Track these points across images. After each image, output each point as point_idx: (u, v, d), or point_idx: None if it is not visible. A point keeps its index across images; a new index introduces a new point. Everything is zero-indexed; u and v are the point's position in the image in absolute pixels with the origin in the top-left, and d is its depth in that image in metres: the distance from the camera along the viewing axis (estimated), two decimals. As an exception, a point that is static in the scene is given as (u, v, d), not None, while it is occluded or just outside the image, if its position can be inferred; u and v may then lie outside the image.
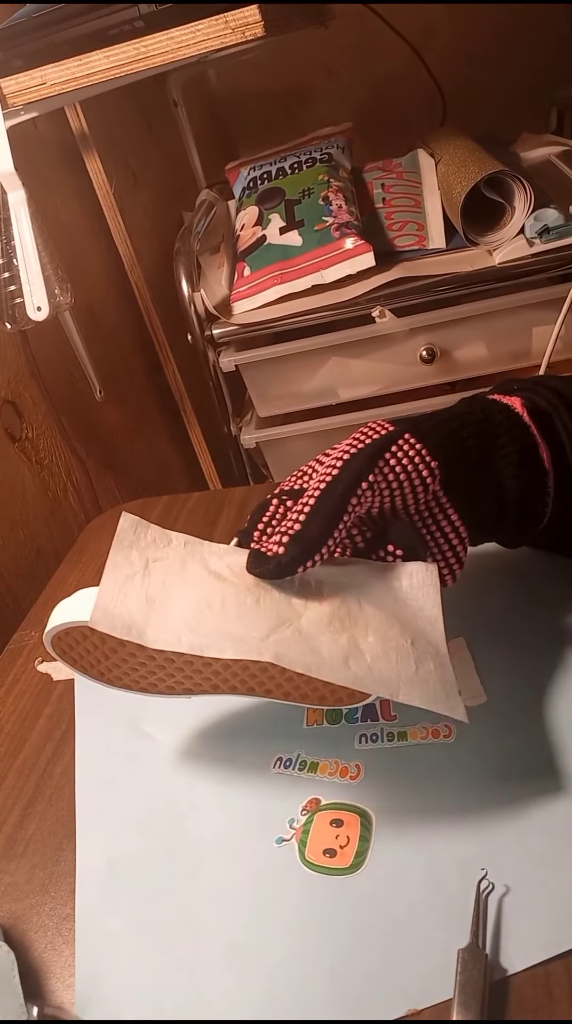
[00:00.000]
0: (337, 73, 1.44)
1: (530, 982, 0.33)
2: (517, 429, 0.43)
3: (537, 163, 1.05)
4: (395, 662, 0.38)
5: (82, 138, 0.93)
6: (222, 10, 0.69)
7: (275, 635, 0.39)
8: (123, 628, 0.39)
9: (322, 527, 0.39)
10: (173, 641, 0.39)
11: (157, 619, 0.40)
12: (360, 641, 0.39)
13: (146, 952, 0.38)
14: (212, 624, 0.39)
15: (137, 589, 0.41)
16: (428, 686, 0.38)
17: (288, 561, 0.39)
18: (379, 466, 0.40)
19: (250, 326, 0.94)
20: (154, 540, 0.44)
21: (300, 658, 0.38)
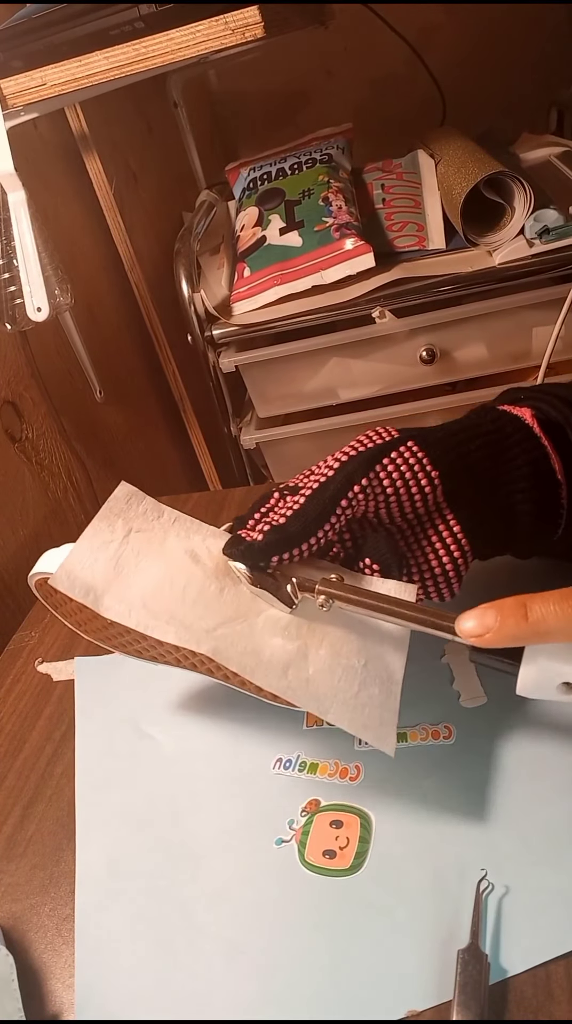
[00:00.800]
0: (337, 73, 1.44)
1: (530, 982, 0.33)
2: (528, 441, 0.42)
3: (537, 163, 1.05)
4: (337, 679, 0.38)
5: (82, 139, 0.93)
6: (222, 11, 0.69)
7: (224, 628, 0.39)
8: (81, 591, 0.40)
9: (303, 525, 0.39)
10: (123, 614, 0.40)
11: (117, 588, 0.40)
12: (310, 651, 0.39)
13: (145, 952, 0.38)
14: (166, 605, 0.40)
15: (109, 555, 0.41)
16: (364, 711, 0.37)
17: (260, 547, 0.39)
18: (375, 471, 0.40)
19: (250, 327, 0.94)
20: (144, 512, 0.44)
21: (238, 657, 0.38)
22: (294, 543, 0.38)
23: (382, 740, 0.37)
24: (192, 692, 0.51)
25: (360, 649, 0.39)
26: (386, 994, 0.34)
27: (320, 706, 0.37)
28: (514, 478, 0.42)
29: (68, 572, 0.41)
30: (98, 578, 0.41)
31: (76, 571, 0.41)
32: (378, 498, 0.40)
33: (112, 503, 0.44)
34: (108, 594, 0.40)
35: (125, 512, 0.44)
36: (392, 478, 0.40)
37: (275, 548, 0.38)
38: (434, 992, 0.33)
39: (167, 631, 0.39)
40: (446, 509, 0.41)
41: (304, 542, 0.39)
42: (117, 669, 0.55)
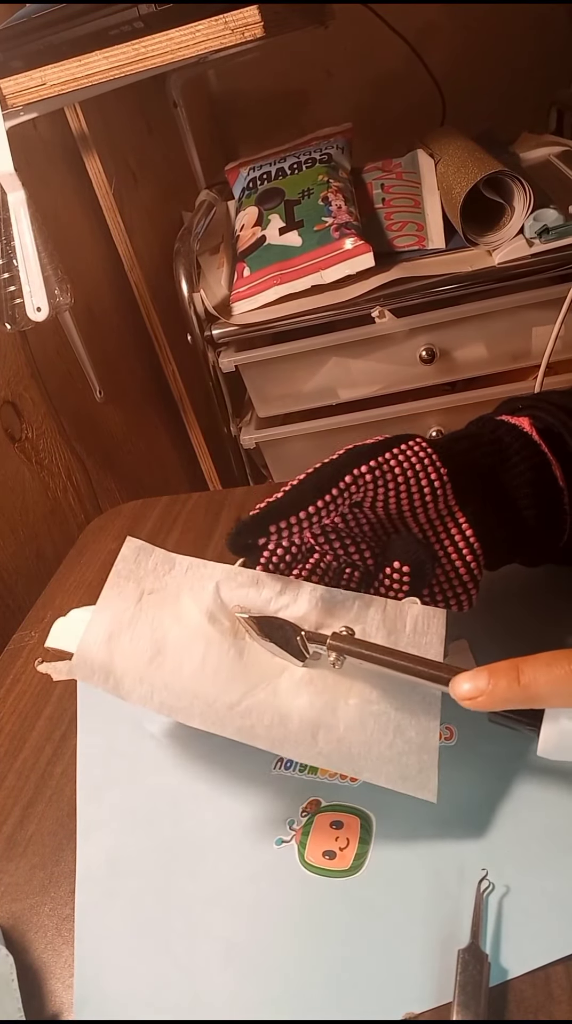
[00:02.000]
0: (337, 73, 1.44)
1: (530, 982, 0.33)
2: (527, 449, 0.42)
3: (537, 163, 1.05)
4: (370, 731, 0.37)
5: (82, 138, 0.93)
6: (221, 11, 0.69)
7: (247, 701, 0.38)
8: (101, 677, 0.39)
9: (299, 495, 0.38)
10: (146, 696, 0.38)
11: (136, 667, 0.39)
12: (339, 704, 0.37)
13: (145, 951, 0.38)
14: (186, 682, 0.38)
15: (124, 628, 0.40)
16: (400, 760, 0.37)
17: (252, 518, 0.37)
18: (385, 457, 0.39)
19: (250, 326, 0.94)
20: (155, 567, 0.42)
21: (265, 732, 0.37)
22: (288, 511, 0.37)
23: (422, 788, 0.36)
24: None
25: (391, 691, 0.37)
26: (385, 995, 0.33)
27: (354, 767, 0.36)
28: (517, 484, 0.42)
29: (85, 658, 0.40)
30: (115, 658, 0.39)
31: (92, 654, 0.40)
32: (388, 485, 0.39)
33: (121, 565, 0.42)
34: (128, 676, 0.39)
35: (135, 572, 0.42)
36: (402, 467, 0.39)
37: (268, 517, 0.37)
38: (433, 994, 0.33)
39: (192, 714, 0.38)
40: (457, 511, 0.41)
41: (301, 510, 0.37)
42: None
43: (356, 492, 0.39)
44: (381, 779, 0.36)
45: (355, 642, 0.37)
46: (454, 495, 0.41)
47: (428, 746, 0.37)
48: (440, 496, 0.40)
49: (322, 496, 0.38)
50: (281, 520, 0.37)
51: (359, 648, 0.37)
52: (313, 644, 0.38)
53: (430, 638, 0.39)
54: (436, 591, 0.42)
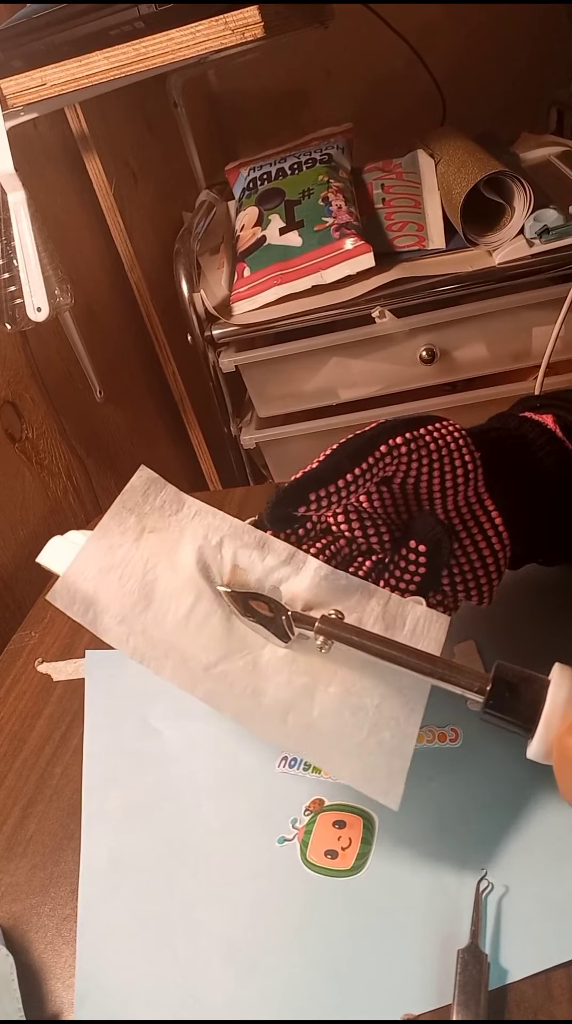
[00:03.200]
0: (337, 73, 1.44)
1: (530, 983, 0.33)
2: (552, 444, 0.42)
3: (537, 163, 1.05)
4: (344, 723, 0.35)
5: (82, 139, 0.93)
6: (222, 11, 0.69)
7: (223, 665, 0.36)
8: (81, 608, 0.37)
9: (337, 463, 0.36)
10: (121, 638, 0.37)
11: (119, 606, 0.37)
12: (318, 689, 0.36)
13: (146, 946, 0.38)
14: (167, 632, 0.37)
15: (116, 563, 0.38)
16: (368, 760, 0.35)
17: (290, 486, 0.36)
18: (421, 431, 0.38)
19: (250, 327, 0.94)
20: (162, 505, 0.40)
21: (234, 701, 0.36)
22: (327, 479, 0.36)
23: (386, 793, 0.34)
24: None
25: (376, 685, 0.36)
26: (385, 996, 0.33)
27: (319, 757, 0.35)
28: (543, 479, 0.41)
29: (69, 585, 0.38)
30: (100, 592, 0.38)
31: (78, 582, 0.38)
32: (422, 460, 0.38)
33: (127, 494, 0.40)
34: (108, 612, 0.37)
35: (140, 507, 0.40)
36: (437, 443, 0.38)
37: (308, 484, 0.36)
38: (433, 995, 0.33)
39: (164, 665, 0.36)
40: (487, 498, 0.40)
41: (339, 478, 0.36)
42: (126, 663, 0.54)
43: (390, 464, 0.37)
44: (344, 775, 0.35)
45: (344, 627, 0.36)
46: (485, 480, 0.40)
47: (401, 751, 0.35)
48: (472, 480, 0.39)
49: (359, 464, 0.36)
50: (321, 488, 0.36)
51: (348, 634, 0.35)
52: (300, 626, 0.37)
53: (428, 643, 0.37)
54: (457, 580, 0.40)
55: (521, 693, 0.32)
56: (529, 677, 0.33)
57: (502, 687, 0.32)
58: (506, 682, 0.32)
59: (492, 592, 0.41)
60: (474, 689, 0.33)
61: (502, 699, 0.32)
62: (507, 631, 0.48)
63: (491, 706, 0.32)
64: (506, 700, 0.32)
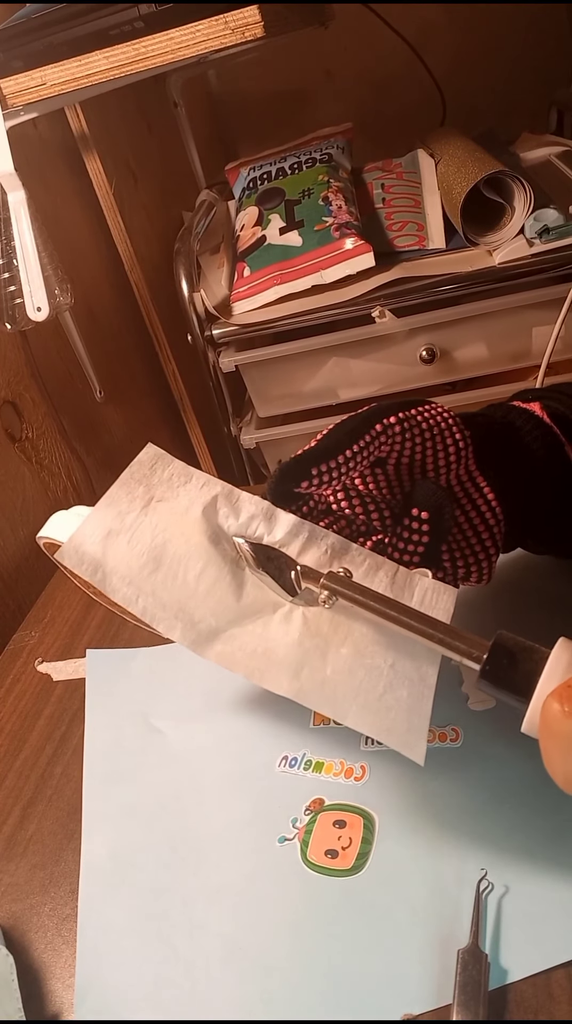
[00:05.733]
0: (337, 73, 1.44)
1: (530, 983, 0.33)
2: (539, 429, 0.43)
3: (537, 163, 1.05)
4: (359, 681, 0.35)
5: (82, 138, 0.93)
6: (222, 11, 0.69)
7: (233, 629, 0.36)
8: (89, 568, 0.37)
9: (337, 439, 0.37)
10: (130, 598, 0.37)
11: (128, 568, 0.37)
12: (330, 650, 0.36)
13: (146, 946, 0.38)
14: (178, 594, 0.37)
15: (124, 528, 0.38)
16: (388, 714, 0.34)
17: (293, 460, 0.37)
18: (411, 412, 0.39)
19: (250, 326, 0.94)
20: (170, 477, 0.40)
21: (245, 660, 0.36)
22: (329, 454, 0.37)
23: (410, 747, 0.34)
24: (201, 687, 0.51)
25: (388, 648, 0.36)
26: (385, 996, 0.33)
27: (337, 709, 0.35)
28: (530, 462, 0.42)
29: (76, 546, 0.38)
30: (108, 554, 0.38)
31: (85, 545, 0.38)
32: (415, 439, 0.39)
33: (135, 467, 0.40)
34: (117, 574, 0.37)
35: (148, 478, 0.40)
36: (428, 423, 0.39)
37: (309, 460, 0.37)
38: (433, 995, 0.33)
39: (174, 626, 0.36)
40: (478, 475, 0.41)
41: (339, 454, 0.37)
42: (128, 662, 0.55)
43: (384, 443, 0.38)
44: (366, 727, 0.34)
45: (351, 584, 0.35)
46: (476, 459, 0.41)
47: (420, 710, 0.35)
48: (463, 458, 0.40)
49: (357, 441, 0.37)
50: (322, 463, 0.37)
51: (352, 591, 0.35)
52: (307, 580, 0.36)
53: (437, 613, 0.37)
54: (457, 556, 0.41)
55: (519, 663, 0.31)
56: (529, 647, 0.31)
57: (500, 655, 0.31)
58: (505, 650, 0.31)
59: (490, 569, 0.42)
60: (472, 656, 0.32)
61: (499, 668, 0.31)
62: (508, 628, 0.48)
63: (487, 674, 0.31)
64: (503, 669, 0.31)
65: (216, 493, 0.40)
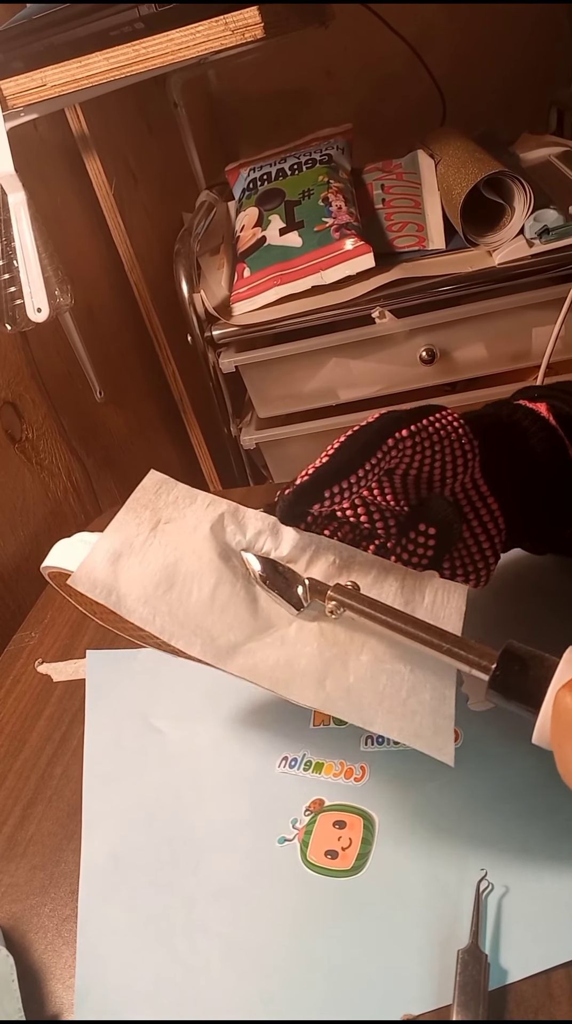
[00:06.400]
0: (337, 74, 1.44)
1: (530, 983, 0.33)
2: (545, 431, 0.43)
3: (537, 163, 1.05)
4: (382, 687, 0.35)
5: (82, 139, 0.93)
6: (222, 11, 0.69)
7: (251, 643, 0.37)
8: (103, 592, 0.38)
9: (349, 456, 0.36)
10: (147, 618, 0.37)
11: (141, 589, 0.38)
12: (350, 659, 0.36)
13: (146, 946, 0.38)
14: (193, 611, 0.37)
15: (134, 551, 0.39)
16: (414, 718, 0.34)
17: (306, 483, 0.36)
18: (423, 423, 0.39)
19: (250, 327, 0.94)
20: (176, 499, 0.41)
21: (269, 672, 0.36)
22: (340, 475, 0.36)
23: (439, 750, 0.34)
24: (201, 688, 0.51)
25: (405, 652, 0.36)
26: (385, 996, 0.33)
27: (364, 716, 0.35)
28: (534, 465, 0.42)
29: (88, 572, 0.38)
30: (121, 577, 0.38)
31: (96, 571, 0.38)
32: (425, 452, 0.38)
33: (140, 493, 0.41)
34: (131, 595, 0.37)
35: (153, 502, 0.41)
36: (440, 434, 0.39)
37: (322, 481, 0.36)
38: (433, 995, 0.33)
39: (194, 643, 0.37)
40: (482, 483, 0.41)
41: (352, 473, 0.36)
42: (127, 663, 0.55)
43: (395, 456, 0.38)
44: (394, 732, 0.34)
45: (358, 597, 0.35)
46: (481, 467, 0.41)
47: (444, 712, 0.35)
48: (469, 467, 0.40)
49: (369, 458, 0.36)
50: (335, 484, 0.36)
51: (361, 604, 0.35)
52: (314, 596, 0.37)
53: (449, 612, 0.37)
54: (457, 564, 0.41)
55: (528, 672, 0.30)
56: (538, 657, 0.31)
57: (509, 665, 0.31)
58: (513, 660, 0.31)
59: (489, 574, 0.42)
60: (480, 667, 0.31)
61: (508, 677, 0.31)
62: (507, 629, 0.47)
63: (495, 684, 0.31)
64: (512, 678, 0.31)
65: (222, 511, 0.40)
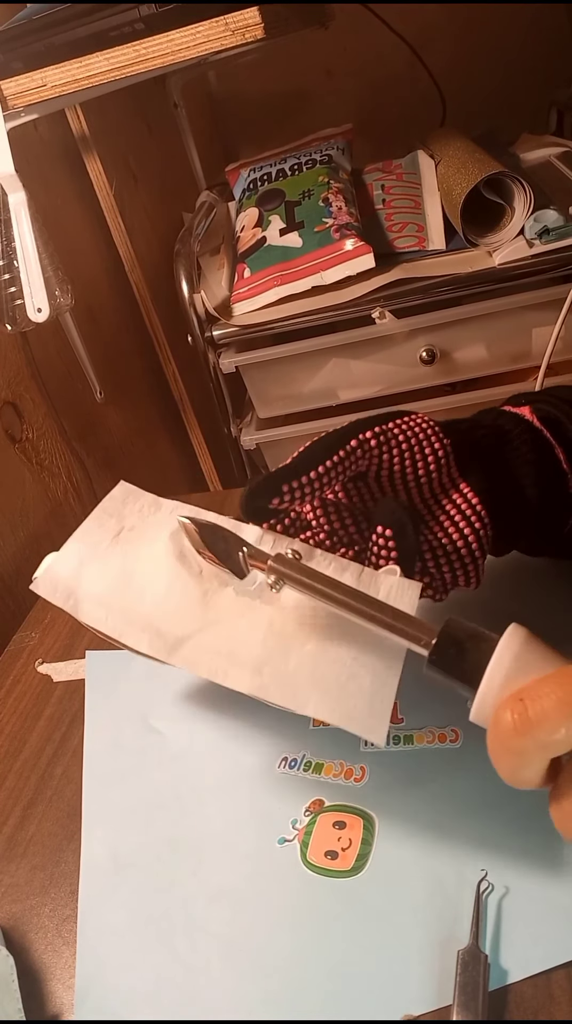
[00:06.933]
0: (337, 74, 1.44)
1: (530, 983, 0.33)
2: (530, 433, 0.43)
3: (537, 164, 1.05)
4: (321, 673, 0.35)
5: (82, 140, 0.93)
6: (222, 12, 0.69)
7: (198, 636, 0.38)
8: (62, 596, 0.40)
9: (310, 456, 0.38)
10: (100, 619, 0.39)
11: (98, 592, 0.40)
12: (293, 649, 0.36)
13: (146, 946, 0.38)
14: (145, 609, 0.39)
15: (96, 557, 0.41)
16: (350, 700, 0.34)
17: (266, 477, 0.37)
18: (388, 425, 0.40)
19: (250, 327, 0.94)
20: (141, 508, 0.43)
21: (209, 662, 0.37)
22: (299, 472, 0.37)
23: (372, 730, 0.34)
24: (200, 689, 0.51)
25: (353, 642, 0.36)
26: (385, 996, 0.33)
27: (297, 700, 0.35)
28: (519, 463, 0.42)
29: (51, 577, 0.41)
30: (81, 581, 0.40)
31: (59, 576, 0.41)
32: (392, 451, 0.40)
33: (107, 503, 0.43)
34: (88, 599, 0.40)
35: (119, 511, 0.43)
36: (406, 435, 0.40)
37: (280, 478, 0.37)
38: (433, 996, 0.33)
39: (141, 639, 0.38)
40: (460, 481, 0.41)
41: (311, 470, 0.37)
42: (127, 664, 0.55)
43: (361, 457, 0.39)
44: (325, 714, 0.34)
45: (298, 567, 0.35)
46: (457, 466, 0.41)
47: (383, 695, 0.35)
48: (443, 466, 0.41)
49: (330, 457, 0.38)
50: (293, 480, 0.37)
51: (298, 573, 0.34)
52: (254, 563, 0.37)
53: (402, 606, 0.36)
54: (443, 561, 0.41)
55: (467, 651, 0.30)
56: (478, 634, 0.31)
57: (448, 642, 0.31)
58: (453, 637, 0.31)
59: (479, 573, 0.42)
60: (421, 642, 0.31)
61: (446, 655, 0.30)
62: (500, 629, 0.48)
63: (434, 661, 0.31)
64: (451, 656, 0.30)
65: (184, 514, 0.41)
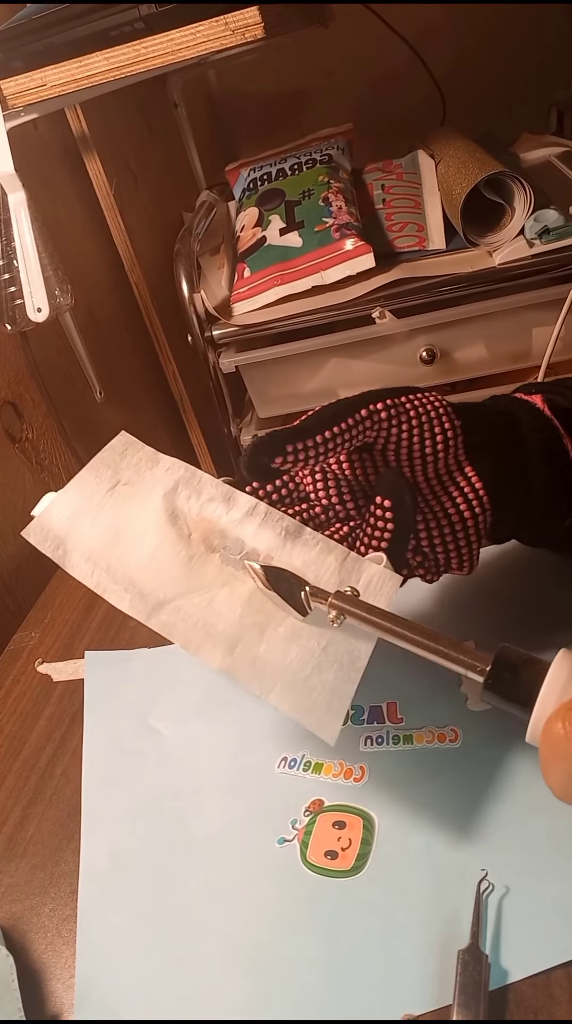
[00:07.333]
0: (337, 74, 1.44)
1: (530, 983, 0.33)
2: (540, 422, 0.43)
3: (537, 164, 1.05)
4: (289, 660, 0.36)
5: (82, 139, 0.93)
6: (222, 12, 0.69)
7: (178, 601, 0.38)
8: (51, 545, 0.40)
9: (316, 421, 0.37)
10: (86, 573, 0.39)
11: (87, 545, 0.40)
12: (268, 629, 0.37)
13: (146, 946, 0.38)
14: (130, 568, 0.39)
15: (89, 508, 0.41)
16: (310, 695, 0.36)
17: (269, 436, 0.37)
18: (401, 399, 0.39)
19: (250, 327, 0.94)
20: (139, 462, 0.42)
21: (184, 631, 0.37)
22: (306, 434, 0.37)
23: (323, 726, 0.35)
24: (200, 688, 0.51)
25: (322, 631, 0.37)
26: (385, 996, 0.33)
27: (263, 686, 0.36)
28: (527, 452, 0.42)
29: (42, 525, 0.41)
30: (71, 532, 0.40)
31: (51, 524, 0.41)
32: (402, 426, 0.39)
33: (106, 453, 0.43)
34: (77, 551, 0.40)
35: (117, 463, 0.42)
36: (417, 410, 0.40)
37: (286, 437, 0.37)
38: (433, 995, 0.33)
39: (123, 598, 0.38)
40: (466, 464, 0.41)
41: (317, 434, 0.37)
42: (126, 663, 0.55)
43: (370, 428, 0.39)
44: (286, 705, 0.36)
45: (357, 603, 0.36)
46: (465, 448, 0.41)
47: (342, 692, 0.36)
48: (451, 447, 0.40)
49: (338, 423, 0.37)
50: (298, 441, 0.37)
51: (360, 610, 0.36)
52: (316, 602, 0.37)
53: (379, 599, 0.38)
54: (437, 542, 0.41)
55: (521, 675, 0.32)
56: (530, 660, 0.32)
57: (503, 668, 0.32)
58: (507, 663, 0.32)
59: (472, 558, 0.42)
60: (476, 670, 0.33)
61: (501, 680, 0.32)
62: (505, 629, 0.48)
63: (490, 686, 0.32)
64: (506, 681, 0.32)
65: (179, 476, 0.41)
